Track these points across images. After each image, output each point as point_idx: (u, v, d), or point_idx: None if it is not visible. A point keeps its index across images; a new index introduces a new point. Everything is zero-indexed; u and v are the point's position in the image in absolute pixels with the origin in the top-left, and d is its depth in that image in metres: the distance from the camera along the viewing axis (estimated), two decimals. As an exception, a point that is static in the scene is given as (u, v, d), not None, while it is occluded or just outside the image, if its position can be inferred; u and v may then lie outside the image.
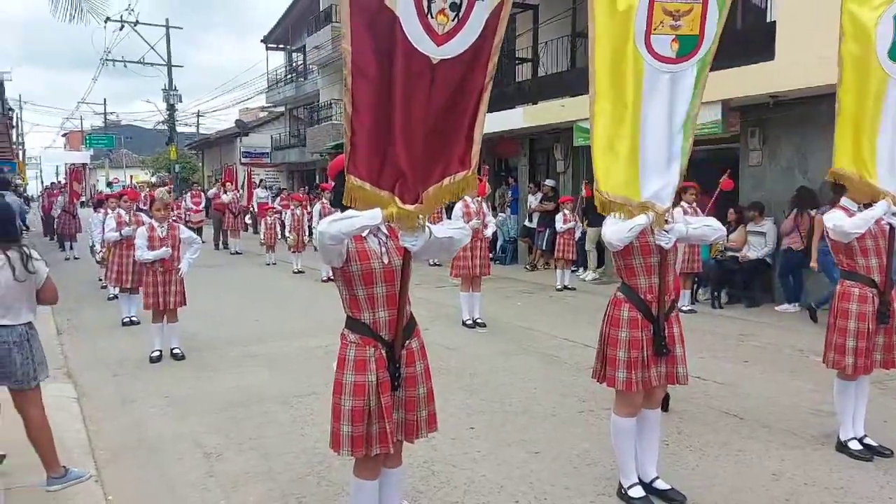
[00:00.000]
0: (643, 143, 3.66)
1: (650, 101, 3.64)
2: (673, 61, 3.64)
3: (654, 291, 3.78)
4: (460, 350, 7.51)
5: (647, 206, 3.66)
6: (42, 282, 3.99)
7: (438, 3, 2.76)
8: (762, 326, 8.79)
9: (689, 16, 3.62)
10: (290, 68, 33.02)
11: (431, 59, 2.79)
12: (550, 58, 14.86)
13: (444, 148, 2.93)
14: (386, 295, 3.03)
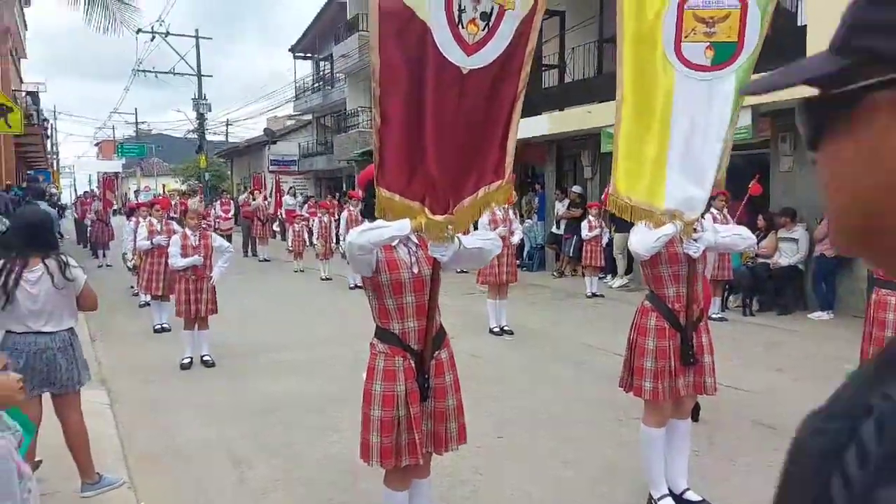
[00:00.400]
0: (672, 151, 3.60)
1: (681, 109, 3.58)
2: (708, 69, 3.56)
3: (682, 301, 3.74)
4: (487, 358, 7.50)
5: (675, 214, 3.60)
6: (80, 289, 4.05)
7: (469, 13, 2.78)
8: (795, 334, 8.66)
9: (726, 22, 3.54)
10: (318, 77, 33.31)
11: (462, 70, 2.79)
12: (577, 64, 14.83)
13: (477, 158, 2.93)
14: (416, 305, 3.03)
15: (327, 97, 30.89)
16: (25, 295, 3.87)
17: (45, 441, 4.31)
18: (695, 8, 3.54)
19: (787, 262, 9.95)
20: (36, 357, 3.92)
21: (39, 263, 3.91)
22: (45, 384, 3.97)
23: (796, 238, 9.94)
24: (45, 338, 3.95)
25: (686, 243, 3.67)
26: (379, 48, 2.70)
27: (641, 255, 3.73)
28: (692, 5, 3.53)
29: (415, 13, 2.70)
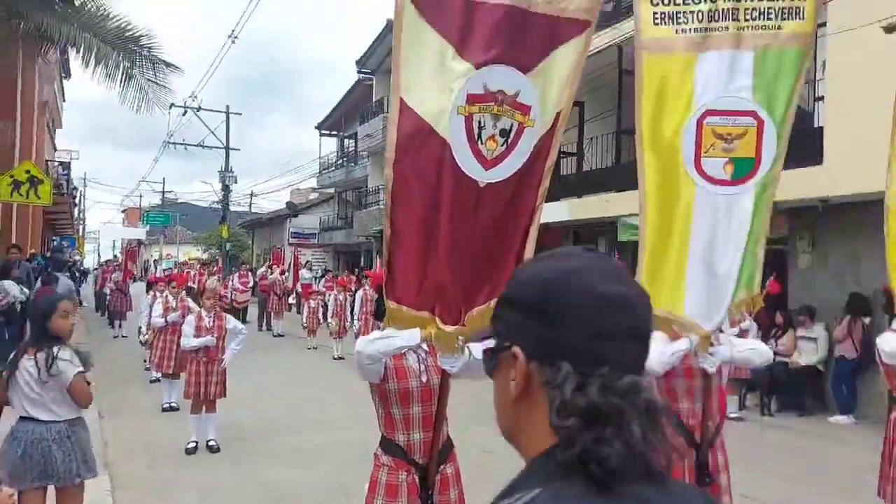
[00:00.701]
0: (691, 262, 3.56)
1: (702, 222, 3.55)
2: (728, 183, 3.56)
3: (696, 416, 3.63)
4: (499, 455, 7.25)
5: (692, 325, 3.54)
6: (68, 383, 3.98)
7: (489, 130, 2.82)
8: (814, 439, 8.41)
9: (744, 139, 3.56)
10: (342, 153, 34.04)
11: (479, 183, 2.82)
12: (595, 153, 15.04)
13: (492, 269, 2.91)
14: (422, 416, 2.97)
15: (350, 174, 31.47)
16: (23, 381, 3.91)
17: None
18: (714, 125, 3.56)
19: (806, 362, 9.76)
20: (33, 446, 3.89)
21: (34, 354, 3.94)
22: (43, 476, 3.91)
23: (815, 337, 9.78)
24: (41, 427, 3.94)
25: (701, 357, 3.57)
26: (394, 161, 2.74)
27: (656, 372, 3.60)
28: (711, 122, 3.56)
29: (433, 129, 2.74)
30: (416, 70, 2.74)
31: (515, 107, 2.85)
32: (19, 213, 16.13)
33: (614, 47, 13.17)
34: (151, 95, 12.55)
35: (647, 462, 0.94)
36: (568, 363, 0.96)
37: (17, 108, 14.40)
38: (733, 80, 3.51)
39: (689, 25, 3.52)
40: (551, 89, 2.93)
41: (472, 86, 2.77)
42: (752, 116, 3.52)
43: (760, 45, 3.49)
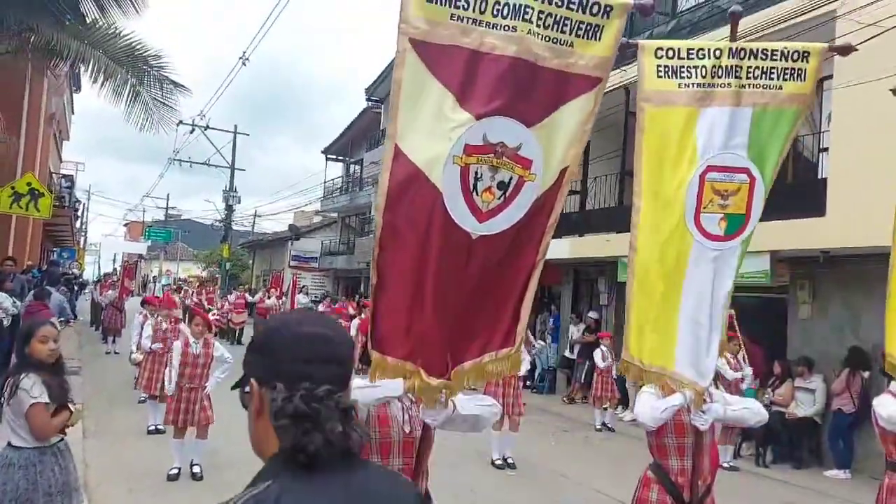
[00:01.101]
0: (682, 317, 3.52)
1: (694, 277, 3.53)
2: (721, 239, 3.56)
3: (686, 474, 3.55)
4: (485, 495, 7.18)
5: (686, 381, 3.46)
6: (24, 412, 3.88)
7: (486, 181, 2.73)
8: (809, 494, 8.25)
9: (737, 195, 3.56)
10: (347, 179, 34.13)
11: (471, 235, 2.73)
12: (598, 193, 15.04)
13: (483, 323, 2.82)
14: (402, 468, 2.84)
15: (354, 199, 31.52)
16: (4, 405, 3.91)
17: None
18: (713, 181, 3.55)
19: (803, 414, 9.62)
20: (4, 472, 3.84)
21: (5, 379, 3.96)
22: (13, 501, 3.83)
23: (813, 389, 9.65)
24: (12, 452, 3.90)
25: (694, 414, 3.49)
26: (385, 207, 2.65)
27: (648, 426, 3.59)
28: (711, 178, 3.55)
29: (427, 177, 2.66)
30: (414, 116, 2.66)
31: (516, 160, 2.76)
32: (18, 223, 16.10)
33: (621, 89, 13.22)
34: (157, 115, 12.57)
35: (345, 448, 1.32)
36: (281, 383, 1.33)
37: (22, 120, 14.45)
38: (732, 136, 3.49)
39: (692, 80, 3.51)
40: (556, 145, 2.84)
41: (471, 136, 2.68)
42: (745, 173, 3.52)
43: (760, 104, 3.48)
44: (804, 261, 9.97)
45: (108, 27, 11.51)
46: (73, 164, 36.09)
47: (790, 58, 3.45)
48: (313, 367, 1.35)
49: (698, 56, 3.50)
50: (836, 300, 9.87)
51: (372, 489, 1.37)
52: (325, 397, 1.32)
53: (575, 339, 14.55)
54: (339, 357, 1.43)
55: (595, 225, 14.07)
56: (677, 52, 3.54)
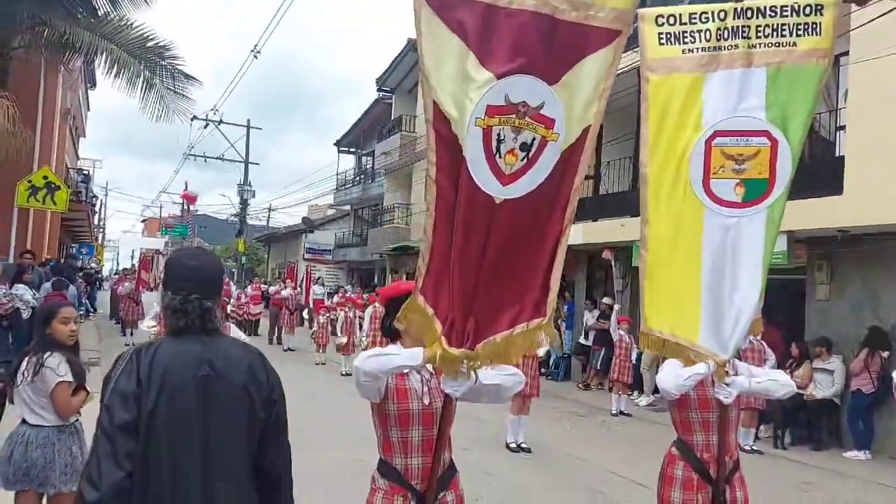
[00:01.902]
0: (704, 288, 3.41)
1: (712, 246, 3.42)
2: (738, 206, 3.41)
3: (711, 450, 3.44)
4: (500, 477, 7.18)
5: (707, 354, 3.36)
6: (49, 391, 3.95)
7: (508, 143, 2.65)
8: (828, 475, 8.18)
9: (756, 159, 3.41)
10: (359, 171, 34.17)
11: (494, 200, 2.64)
12: (612, 177, 14.96)
13: (514, 294, 2.72)
14: (422, 439, 2.77)
15: (366, 191, 31.58)
16: (21, 385, 3.93)
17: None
18: (723, 146, 3.42)
19: (821, 395, 9.53)
20: (19, 448, 3.89)
21: (25, 358, 3.98)
22: (25, 480, 3.88)
23: (832, 370, 9.56)
24: (29, 429, 3.93)
25: (717, 388, 3.38)
26: (437, 165, 2.62)
27: (671, 394, 3.48)
28: (720, 143, 3.43)
29: (458, 139, 2.61)
30: (441, 73, 2.61)
31: (538, 119, 2.67)
32: (36, 218, 16.25)
33: (633, 71, 13.12)
34: (171, 105, 12.63)
35: (203, 328, 2.23)
36: (169, 291, 2.24)
37: (38, 115, 14.56)
38: (745, 99, 3.38)
39: (696, 45, 3.42)
40: (577, 103, 2.74)
41: (493, 97, 2.60)
42: (764, 136, 3.38)
43: (773, 63, 3.36)
44: (822, 241, 9.86)
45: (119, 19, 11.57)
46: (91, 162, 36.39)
47: (801, 12, 3.32)
48: (188, 283, 2.26)
49: (701, 20, 3.41)
50: (854, 280, 9.77)
51: (222, 348, 2.27)
52: (192, 301, 2.23)
53: (590, 325, 14.50)
54: (205, 278, 2.33)
55: (609, 210, 14.00)
56: (679, 17, 3.46)
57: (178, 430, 2.08)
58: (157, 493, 2.03)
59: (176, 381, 2.10)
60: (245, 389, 2.22)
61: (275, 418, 2.34)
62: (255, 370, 2.30)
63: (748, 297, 3.38)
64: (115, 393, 2.06)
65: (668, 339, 3.43)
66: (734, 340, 3.38)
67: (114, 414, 2.02)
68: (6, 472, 3.88)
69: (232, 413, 2.18)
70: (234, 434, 2.18)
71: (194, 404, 2.11)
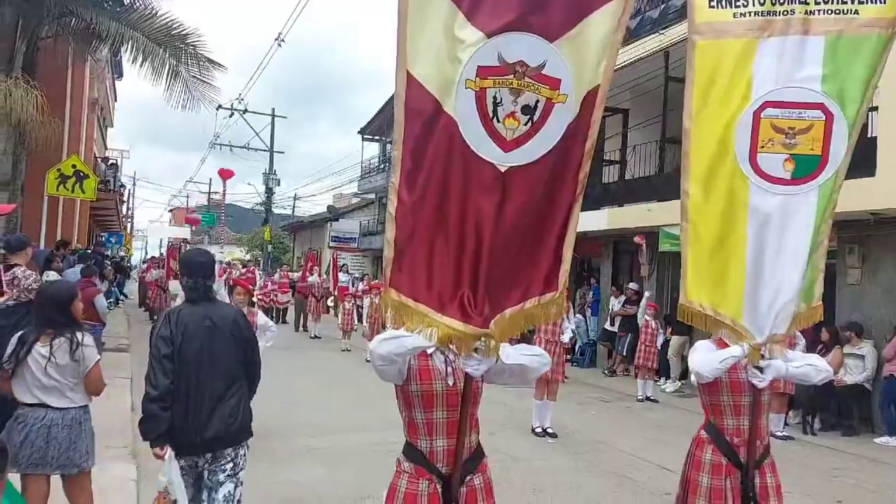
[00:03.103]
0: (748, 265, 3.25)
1: (756, 224, 3.24)
2: (788, 182, 3.22)
3: (742, 434, 3.34)
4: (526, 462, 7.17)
5: (743, 334, 3.24)
6: (88, 371, 3.98)
7: (507, 106, 2.51)
8: (859, 461, 8.06)
9: (808, 134, 3.20)
10: (383, 158, 34.18)
11: (497, 167, 2.52)
12: (638, 161, 14.79)
13: (525, 266, 2.63)
14: (447, 421, 2.72)
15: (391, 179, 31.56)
16: (37, 367, 3.86)
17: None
18: (773, 118, 3.23)
19: (852, 381, 9.38)
20: (39, 432, 3.83)
21: (49, 339, 3.90)
22: (41, 462, 3.84)
23: (863, 355, 9.40)
24: (53, 413, 3.89)
25: (751, 372, 3.28)
26: (403, 140, 2.50)
27: (704, 377, 3.35)
28: (770, 114, 3.24)
29: (441, 105, 2.49)
30: (423, 39, 2.48)
31: (541, 80, 2.52)
32: (66, 207, 16.49)
33: (660, 54, 12.94)
34: (196, 93, 12.72)
35: (206, 298, 3.87)
36: (185, 276, 3.88)
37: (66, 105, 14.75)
38: (800, 68, 3.18)
39: (748, 8, 3.21)
40: (586, 61, 2.59)
41: (483, 57, 2.47)
42: (819, 109, 3.18)
43: (833, 31, 3.15)
44: (853, 224, 9.65)
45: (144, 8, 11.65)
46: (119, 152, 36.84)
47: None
48: (194, 271, 3.85)
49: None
50: (886, 263, 9.58)
51: (218, 309, 3.86)
52: (197, 281, 3.82)
53: (616, 311, 14.40)
54: (206, 268, 3.92)
55: (635, 195, 13.86)
56: None
57: (195, 357, 3.67)
58: (186, 390, 3.64)
59: (192, 329, 3.69)
60: (231, 332, 3.80)
61: (251, 348, 3.95)
62: (238, 322, 3.87)
63: (790, 281, 3.22)
64: (159, 337, 3.65)
65: (710, 314, 3.29)
66: (771, 324, 3.23)
67: (160, 349, 3.60)
68: (15, 457, 3.73)
69: (224, 345, 3.76)
70: (226, 356, 3.77)
71: (204, 342, 3.70)
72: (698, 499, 3.34)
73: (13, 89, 10.03)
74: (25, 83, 10.33)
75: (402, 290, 2.52)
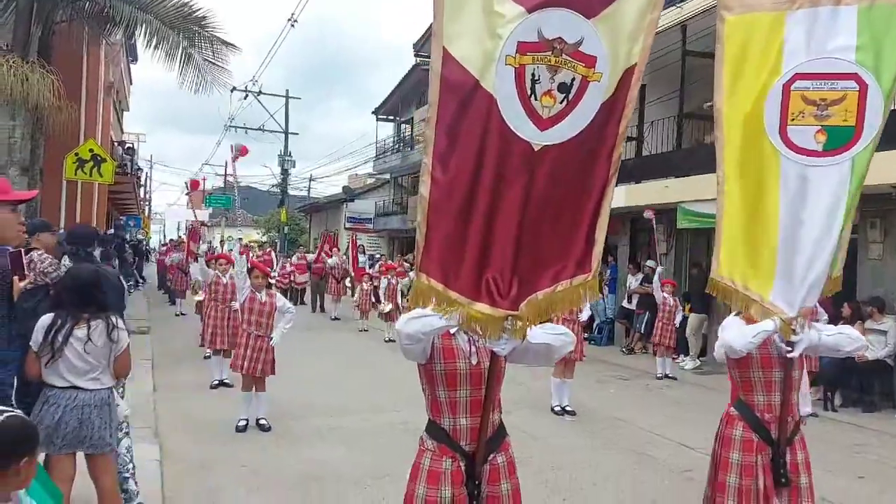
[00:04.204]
0: (781, 239, 3.23)
1: (789, 196, 3.23)
2: (818, 154, 3.20)
3: (773, 410, 3.32)
4: (545, 440, 7.18)
5: (775, 311, 3.21)
6: (120, 352, 4.03)
7: (544, 84, 2.47)
8: (881, 436, 8.00)
9: (841, 105, 3.17)
10: (398, 139, 34.08)
11: (532, 146, 2.48)
12: (655, 138, 14.63)
13: (557, 248, 2.59)
14: (470, 400, 2.73)
15: (406, 158, 31.48)
16: (72, 352, 3.88)
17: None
18: (803, 90, 3.20)
19: (873, 356, 9.28)
20: (72, 413, 3.88)
21: (86, 322, 3.93)
22: (75, 442, 3.91)
23: (884, 330, 9.30)
24: (85, 394, 3.93)
25: (783, 345, 3.25)
26: (437, 119, 2.45)
27: (737, 352, 3.32)
28: (800, 87, 3.21)
29: (479, 82, 2.44)
30: (460, 15, 2.43)
31: (578, 57, 2.48)
32: (84, 191, 16.60)
33: (677, 28, 12.75)
34: (210, 76, 12.71)
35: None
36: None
37: (82, 89, 14.79)
38: (831, 39, 3.14)
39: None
40: (621, 39, 2.55)
41: (524, 32, 2.43)
42: (853, 79, 3.13)
43: (865, 0, 3.10)
44: (875, 197, 9.50)
45: (157, -10, 11.62)
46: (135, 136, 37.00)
47: None
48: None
49: None
50: (909, 238, 9.44)
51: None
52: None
53: (633, 289, 14.34)
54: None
55: (652, 171, 13.72)
56: None
57: None
58: None
59: None
60: None
61: None
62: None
63: (822, 254, 3.19)
64: None
65: (740, 289, 3.28)
66: (801, 298, 3.21)
67: None
68: (50, 437, 3.81)
69: None
70: None
71: None
72: (729, 476, 3.32)
73: (29, 74, 10.05)
74: (41, 68, 10.35)
75: (432, 274, 2.48)
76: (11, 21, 10.89)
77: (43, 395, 3.94)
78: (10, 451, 1.98)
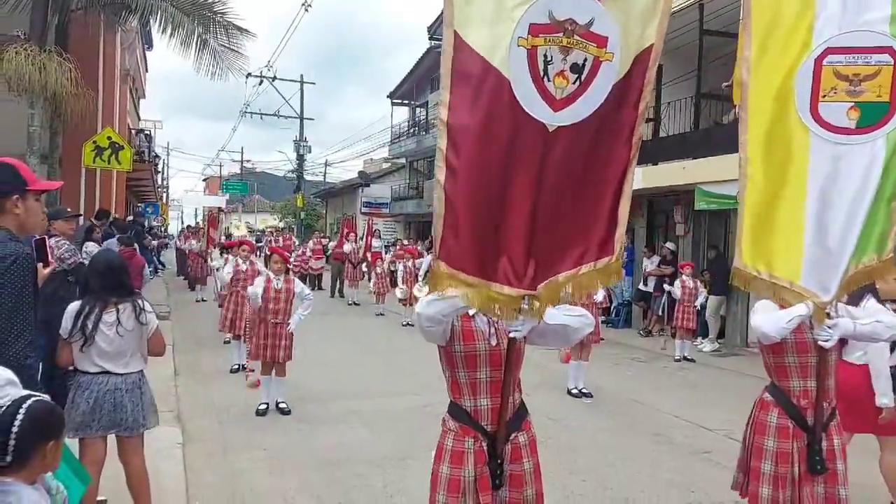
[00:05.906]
0: (808, 222, 3.15)
1: (819, 176, 3.13)
2: (851, 132, 3.10)
3: (809, 396, 3.26)
4: (563, 422, 7.20)
5: (806, 295, 3.13)
6: (151, 333, 4.11)
7: (557, 65, 2.48)
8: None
9: (875, 80, 3.06)
10: (413, 122, 34.02)
11: (547, 127, 2.49)
12: (672, 118, 14.51)
13: (578, 230, 2.60)
14: (490, 381, 2.75)
15: (421, 143, 31.43)
16: (102, 337, 3.94)
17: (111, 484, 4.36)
18: (836, 64, 3.10)
19: (896, 337, 9.20)
20: (105, 397, 3.96)
21: (115, 306, 3.98)
22: (111, 425, 3.99)
23: (907, 311, 9.19)
24: (115, 378, 4.00)
25: (818, 331, 3.18)
26: (450, 105, 2.44)
27: (770, 338, 3.26)
28: (833, 61, 3.11)
29: (492, 65, 2.45)
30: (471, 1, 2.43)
31: (589, 38, 2.49)
32: (103, 179, 16.75)
33: (695, 7, 12.60)
34: (225, 62, 12.74)
35: None
36: None
37: (99, 76, 14.88)
38: (866, 10, 3.03)
39: None
40: (633, 20, 2.56)
41: (535, 14, 2.45)
42: (887, 53, 3.02)
43: None
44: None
45: (172, -24, 11.63)
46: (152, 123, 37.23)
47: None
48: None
49: None
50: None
51: None
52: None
53: (649, 271, 14.27)
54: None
55: (669, 152, 13.59)
56: None
57: None
58: None
59: None
60: None
61: None
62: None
63: (850, 234, 3.10)
64: None
65: (765, 278, 3.20)
66: (837, 282, 3.12)
67: None
68: (88, 421, 3.92)
69: None
70: None
71: None
72: (763, 463, 3.29)
73: (47, 62, 10.12)
74: (58, 56, 10.42)
75: (450, 262, 2.49)
76: (28, 9, 10.95)
77: (75, 382, 4.02)
78: (38, 436, 2.02)
